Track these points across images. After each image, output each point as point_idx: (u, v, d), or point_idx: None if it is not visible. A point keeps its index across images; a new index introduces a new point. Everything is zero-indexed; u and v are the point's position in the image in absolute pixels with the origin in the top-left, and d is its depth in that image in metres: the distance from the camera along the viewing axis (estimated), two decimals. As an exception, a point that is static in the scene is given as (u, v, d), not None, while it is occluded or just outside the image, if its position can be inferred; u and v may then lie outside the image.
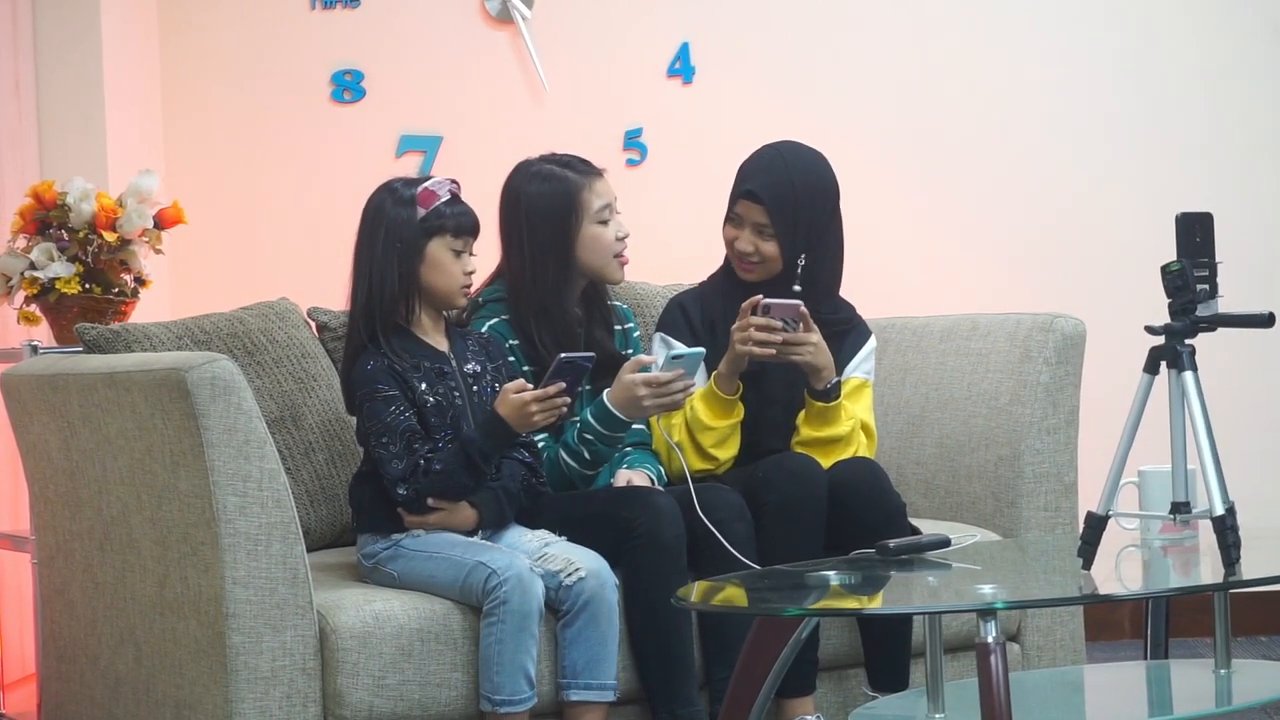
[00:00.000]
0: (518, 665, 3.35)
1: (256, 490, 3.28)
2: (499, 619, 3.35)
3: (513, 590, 3.34)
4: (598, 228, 3.78)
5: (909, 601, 3.29)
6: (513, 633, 3.34)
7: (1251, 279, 4.99)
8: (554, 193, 3.77)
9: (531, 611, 3.36)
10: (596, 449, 3.67)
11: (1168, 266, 3.22)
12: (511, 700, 3.36)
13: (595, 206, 3.78)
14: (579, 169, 3.80)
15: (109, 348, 3.68)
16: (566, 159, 3.82)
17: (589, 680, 3.43)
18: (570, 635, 3.44)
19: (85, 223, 4.19)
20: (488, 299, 3.82)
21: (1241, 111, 5.25)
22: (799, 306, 3.72)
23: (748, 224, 3.84)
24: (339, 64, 5.13)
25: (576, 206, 3.77)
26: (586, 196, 3.78)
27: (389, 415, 3.47)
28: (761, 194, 3.80)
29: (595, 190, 3.79)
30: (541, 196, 3.78)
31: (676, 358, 3.63)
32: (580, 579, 3.43)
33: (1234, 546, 3.12)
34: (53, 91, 4.73)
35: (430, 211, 3.53)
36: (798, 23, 5.18)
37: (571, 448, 3.69)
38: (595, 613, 3.44)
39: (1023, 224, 5.23)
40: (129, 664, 3.51)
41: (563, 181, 3.78)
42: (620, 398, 3.63)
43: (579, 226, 3.77)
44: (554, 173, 3.79)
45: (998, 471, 4.03)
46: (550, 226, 3.77)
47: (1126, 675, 3.80)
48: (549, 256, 3.77)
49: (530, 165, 3.83)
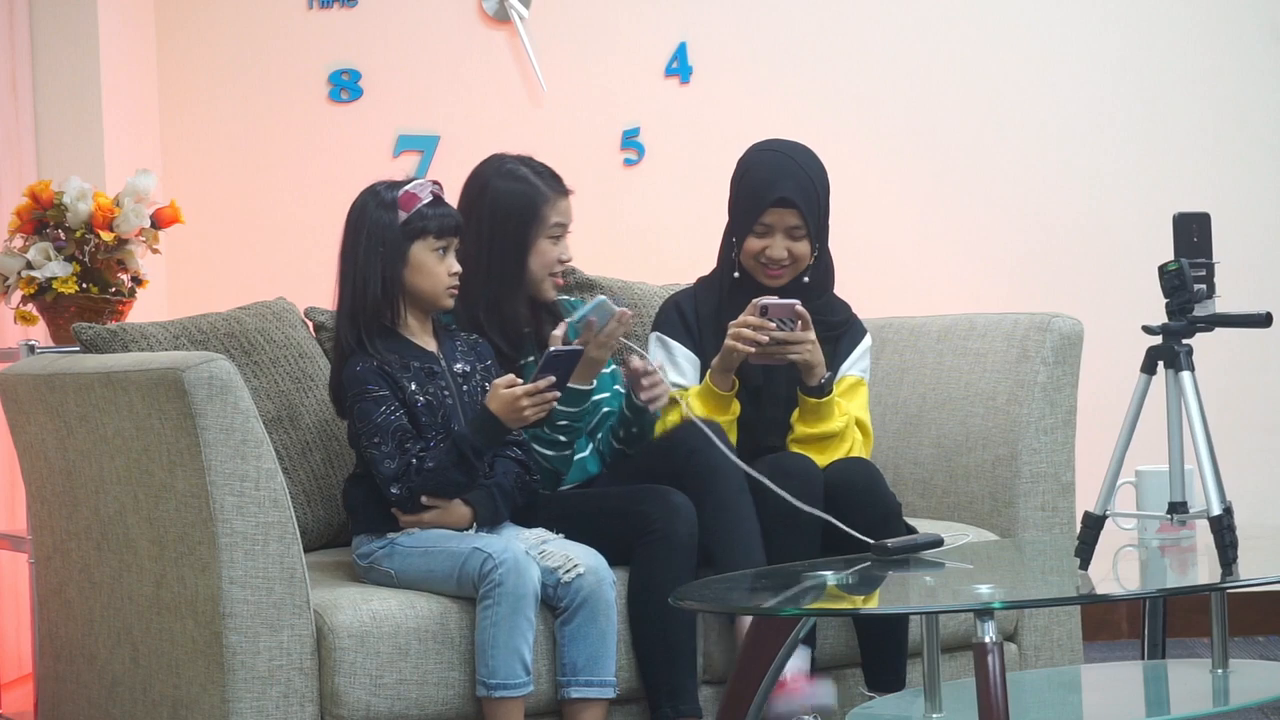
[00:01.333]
0: (513, 649, 3.35)
1: (254, 490, 3.28)
2: (494, 601, 3.35)
3: (508, 573, 3.34)
4: (546, 243, 3.78)
5: (906, 601, 3.29)
6: (508, 615, 3.34)
7: (1249, 279, 4.99)
8: (522, 194, 3.77)
9: (527, 594, 3.36)
10: (570, 429, 3.68)
11: (1165, 266, 3.22)
12: (507, 684, 3.35)
13: (551, 222, 3.78)
14: (549, 183, 3.80)
15: (106, 347, 3.67)
16: (541, 168, 3.82)
17: (589, 677, 3.43)
18: (569, 633, 3.44)
19: (82, 222, 4.19)
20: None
21: (1239, 112, 5.25)
22: (795, 306, 3.72)
23: (779, 230, 3.83)
24: (336, 64, 5.13)
25: (538, 216, 3.77)
26: (547, 210, 3.77)
27: (380, 415, 3.47)
28: (795, 198, 3.80)
29: (557, 208, 3.78)
30: (509, 195, 3.77)
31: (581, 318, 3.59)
32: (579, 575, 3.43)
33: (1231, 546, 3.12)
34: (50, 91, 4.73)
35: (412, 214, 3.53)
36: (795, 22, 5.18)
37: (543, 438, 3.69)
38: (594, 610, 3.44)
39: (1020, 224, 5.23)
40: (126, 663, 3.51)
41: (532, 188, 3.77)
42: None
43: (536, 236, 3.77)
44: (526, 176, 3.79)
45: (995, 471, 4.03)
46: (513, 225, 3.76)
47: (1124, 675, 3.80)
48: (507, 252, 3.76)
49: (505, 161, 3.82)
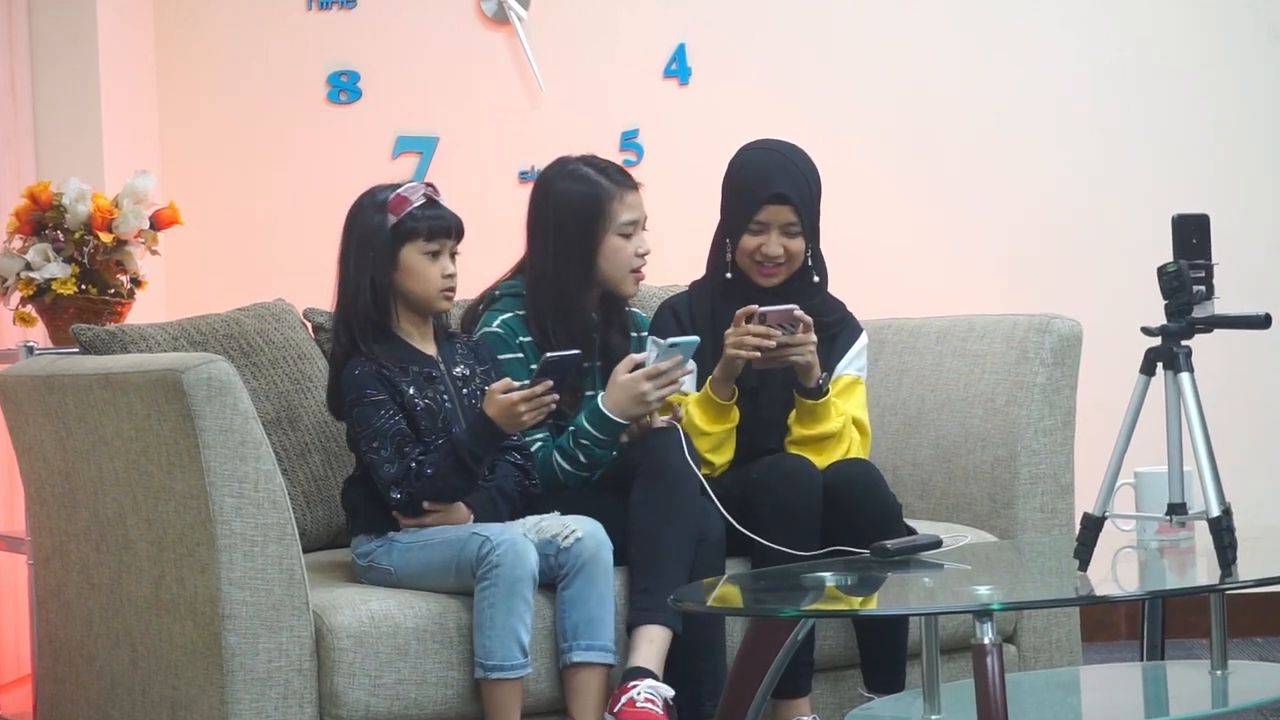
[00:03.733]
0: (510, 630, 3.35)
1: (253, 491, 3.28)
2: (492, 582, 3.35)
3: (506, 554, 3.35)
4: (619, 240, 3.78)
5: (905, 602, 3.29)
6: (505, 596, 3.35)
7: (1248, 280, 4.98)
8: (585, 194, 3.78)
9: (524, 576, 3.36)
10: (591, 452, 3.68)
11: (1164, 268, 3.22)
12: (504, 666, 3.35)
13: (622, 218, 3.78)
14: (615, 178, 3.80)
15: (105, 349, 3.67)
16: (605, 165, 3.83)
17: (590, 641, 3.43)
18: (569, 597, 3.45)
19: (81, 223, 4.19)
20: (504, 293, 3.83)
21: (1238, 113, 5.25)
22: (793, 310, 3.72)
23: (774, 228, 3.83)
24: (335, 65, 5.13)
25: (604, 214, 3.77)
26: (615, 206, 3.78)
27: (378, 420, 3.47)
28: (790, 194, 3.80)
29: (626, 202, 3.79)
30: (572, 196, 3.78)
31: (673, 345, 3.64)
32: (578, 540, 3.45)
33: (1230, 548, 3.12)
34: (49, 92, 4.73)
35: (403, 217, 3.53)
36: (794, 24, 5.18)
37: (567, 451, 3.69)
38: (592, 574, 3.45)
39: (1020, 225, 5.23)
40: (125, 665, 3.51)
41: (595, 186, 3.78)
42: (620, 398, 3.64)
43: (603, 234, 3.78)
44: (589, 175, 3.80)
45: (994, 473, 4.03)
46: (576, 227, 3.77)
47: (1123, 676, 3.81)
48: (572, 256, 3.77)
49: (568, 162, 3.83)
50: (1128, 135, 5.24)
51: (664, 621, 3.47)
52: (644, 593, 3.49)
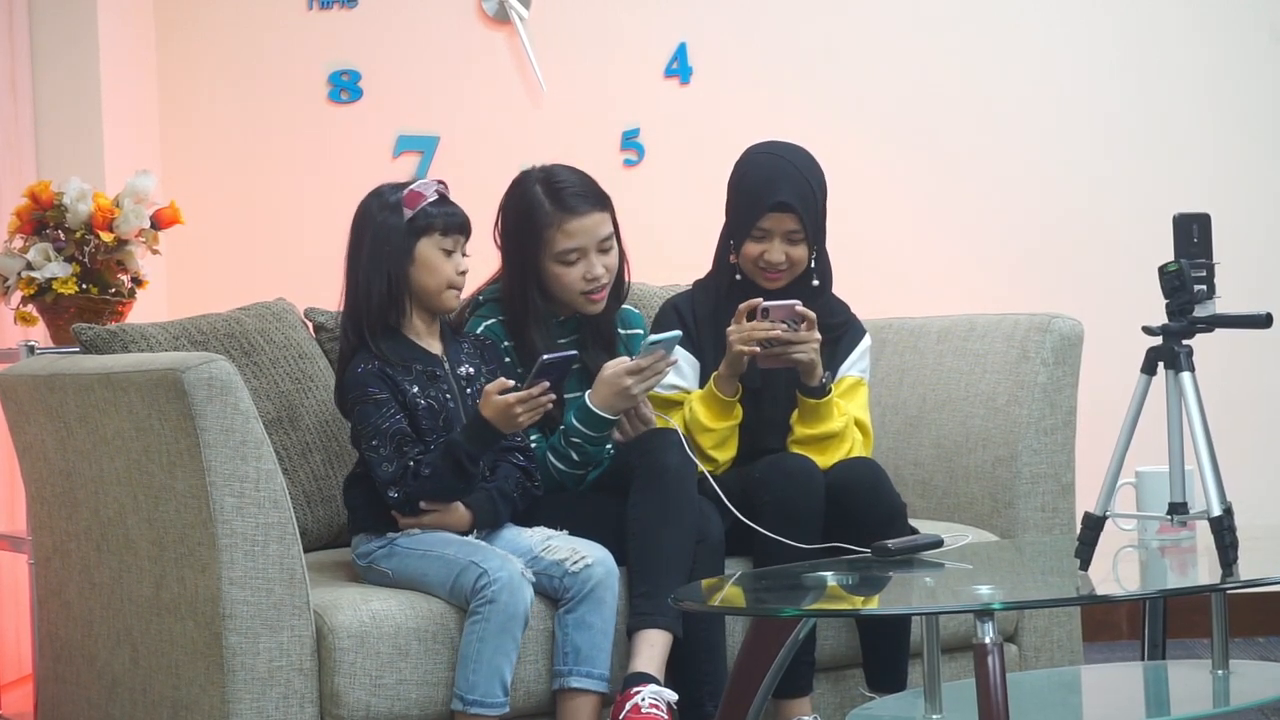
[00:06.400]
0: (495, 667, 3.34)
1: (253, 491, 3.28)
2: (483, 617, 3.34)
3: (501, 591, 3.34)
4: (559, 267, 3.68)
5: (907, 602, 3.29)
6: (495, 633, 3.34)
7: (1249, 279, 4.99)
8: (523, 217, 3.70)
9: (517, 615, 3.35)
10: (584, 450, 3.67)
11: (1165, 267, 3.22)
12: (483, 702, 3.34)
13: (559, 247, 3.67)
14: (562, 202, 3.67)
15: (106, 348, 3.67)
16: (561, 184, 3.69)
17: (589, 669, 3.43)
18: (572, 621, 3.44)
19: (82, 223, 4.19)
20: (488, 298, 3.81)
21: (1239, 112, 5.25)
22: (795, 306, 3.72)
23: (777, 235, 3.81)
24: (336, 64, 5.13)
25: (540, 240, 3.68)
26: (552, 234, 3.67)
27: (379, 418, 3.47)
28: (794, 202, 3.79)
29: (565, 229, 3.66)
30: (513, 216, 3.73)
31: (654, 342, 3.63)
32: (587, 565, 3.44)
33: (1231, 547, 3.12)
34: (49, 92, 4.73)
35: (417, 212, 3.53)
36: (795, 23, 5.19)
37: (559, 450, 3.69)
38: (600, 599, 3.44)
39: (1021, 224, 5.23)
40: (126, 664, 3.51)
41: (535, 210, 3.67)
42: (606, 393, 3.62)
43: (542, 260, 3.69)
44: (535, 198, 3.68)
45: (995, 472, 4.03)
46: (518, 247, 3.72)
47: (1124, 676, 3.81)
48: (528, 274, 3.72)
49: (529, 177, 3.74)
50: (1129, 134, 5.24)
51: (664, 625, 3.47)
52: (643, 596, 3.49)
